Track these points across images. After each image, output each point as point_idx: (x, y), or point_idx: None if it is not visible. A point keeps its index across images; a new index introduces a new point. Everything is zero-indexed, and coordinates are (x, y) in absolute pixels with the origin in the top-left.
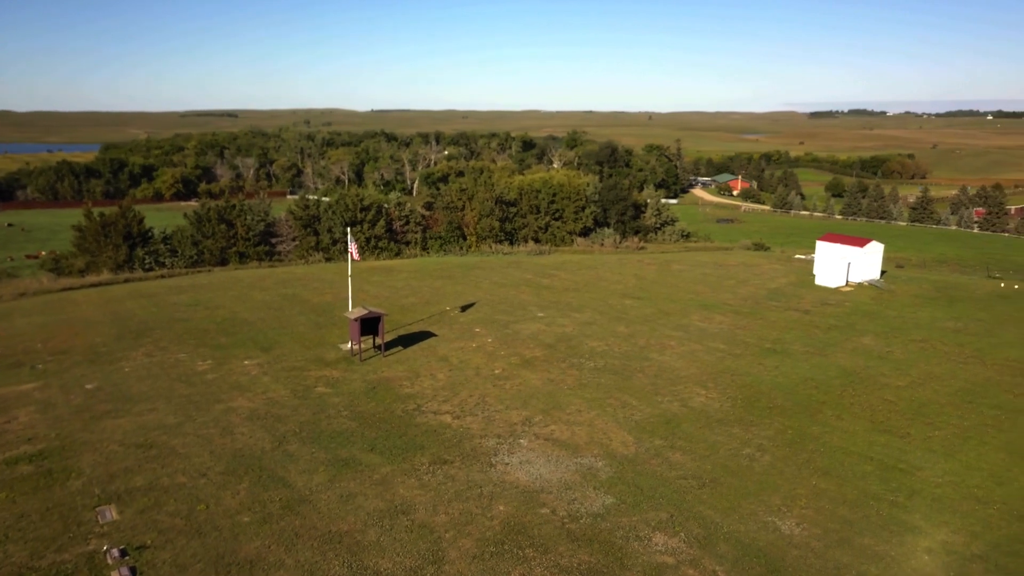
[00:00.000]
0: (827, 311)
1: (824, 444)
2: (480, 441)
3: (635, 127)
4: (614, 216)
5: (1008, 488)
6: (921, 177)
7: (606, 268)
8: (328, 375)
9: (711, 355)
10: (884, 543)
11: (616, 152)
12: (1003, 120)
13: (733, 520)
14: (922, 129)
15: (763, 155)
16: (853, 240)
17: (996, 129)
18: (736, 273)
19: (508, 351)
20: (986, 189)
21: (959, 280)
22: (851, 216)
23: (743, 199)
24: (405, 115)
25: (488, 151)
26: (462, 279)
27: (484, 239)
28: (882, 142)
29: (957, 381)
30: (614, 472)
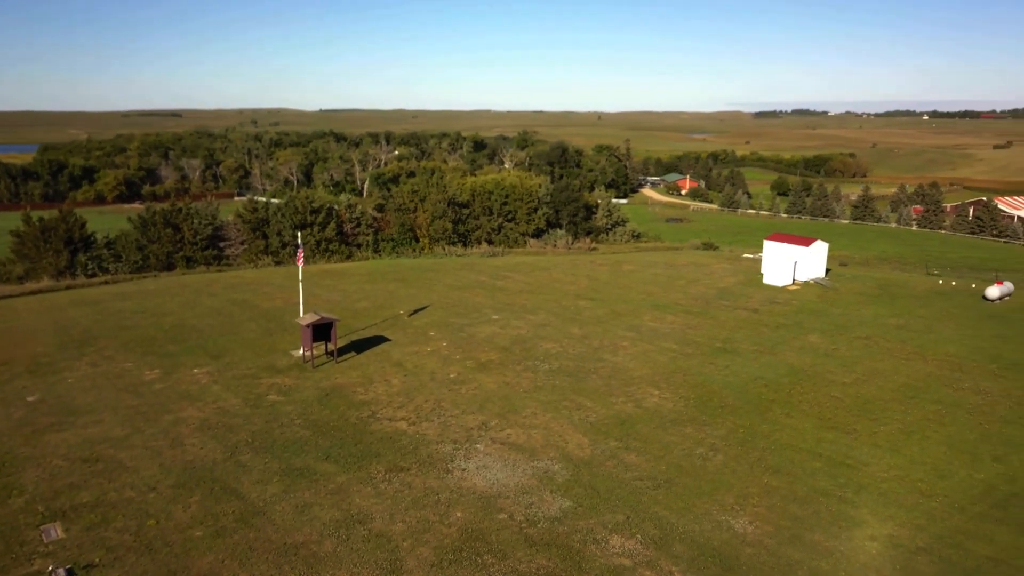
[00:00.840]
0: (775, 310)
1: (774, 442)
2: (436, 447)
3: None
4: (566, 217)
5: (950, 481)
6: (862, 176)
7: (559, 269)
8: (280, 383)
9: (663, 355)
10: (834, 539)
11: (567, 152)
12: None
13: (688, 520)
14: (862, 129)
15: (710, 155)
16: (799, 239)
17: (932, 129)
18: (686, 273)
19: (463, 355)
20: (923, 187)
21: (900, 278)
22: (796, 214)
23: (691, 198)
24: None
25: (439, 151)
26: (415, 282)
27: (437, 241)
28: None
29: (900, 377)
30: (570, 475)
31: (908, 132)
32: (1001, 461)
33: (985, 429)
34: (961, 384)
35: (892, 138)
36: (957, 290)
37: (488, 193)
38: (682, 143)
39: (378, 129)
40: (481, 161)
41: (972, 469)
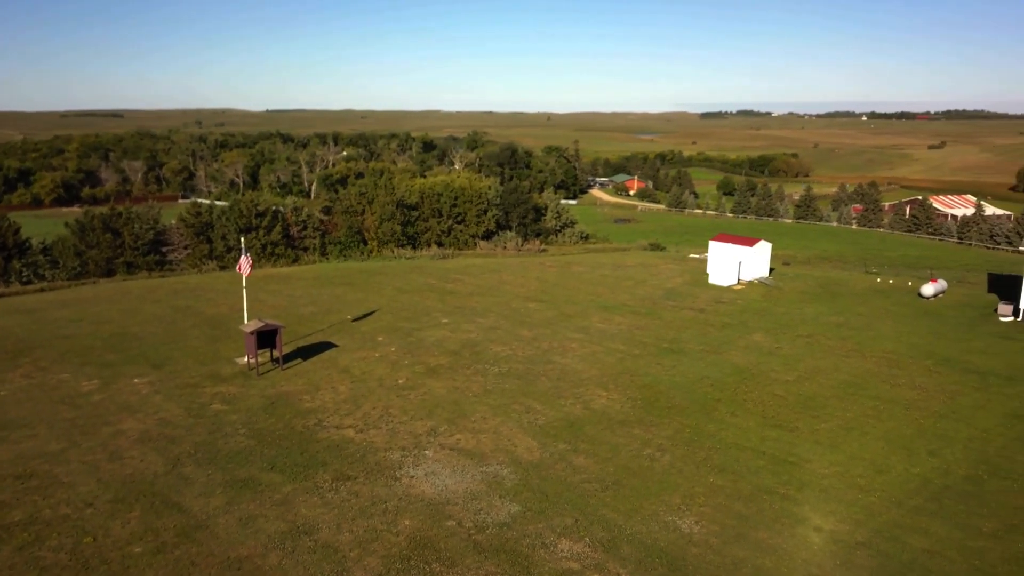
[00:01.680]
0: (721, 309)
1: (720, 441)
2: (384, 454)
3: (535, 128)
4: (516, 219)
5: (887, 476)
6: (805, 175)
7: (509, 271)
8: (224, 391)
9: (611, 356)
10: (777, 536)
11: (516, 153)
12: (876, 121)
13: (635, 522)
14: (804, 129)
15: (658, 155)
16: (743, 240)
17: (870, 129)
18: (634, 274)
19: (412, 360)
20: (863, 187)
21: (840, 276)
22: (741, 214)
23: (640, 199)
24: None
25: (388, 152)
26: (363, 286)
27: (385, 243)
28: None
29: (840, 374)
30: (519, 479)
31: (848, 132)
32: (936, 455)
33: (921, 424)
34: (898, 380)
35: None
36: (894, 288)
37: (437, 195)
38: (630, 144)
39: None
40: (431, 162)
41: (908, 463)
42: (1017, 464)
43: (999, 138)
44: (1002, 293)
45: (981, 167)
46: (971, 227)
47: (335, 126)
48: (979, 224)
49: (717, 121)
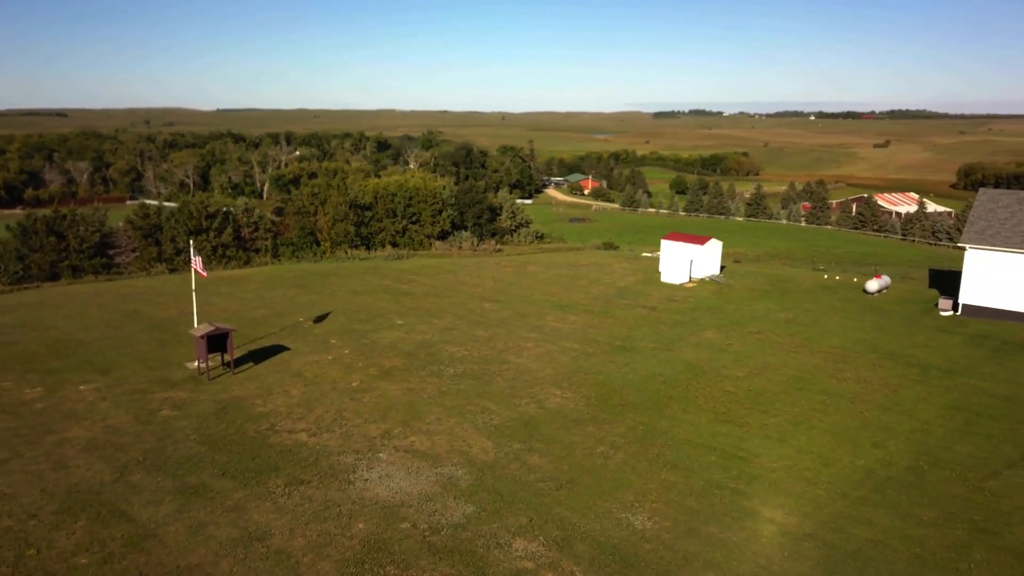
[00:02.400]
0: (673, 307)
1: (672, 438)
2: (338, 458)
3: (490, 127)
4: (471, 219)
5: (833, 468)
6: (755, 174)
7: (464, 271)
8: (174, 397)
9: (566, 355)
10: (727, 530)
11: (471, 153)
12: (823, 120)
13: (589, 519)
14: (755, 128)
15: (612, 154)
16: (694, 238)
17: (818, 128)
18: (588, 273)
19: (366, 362)
20: (811, 185)
21: (789, 273)
22: (694, 212)
23: (594, 198)
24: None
25: (342, 152)
26: (316, 287)
27: (339, 244)
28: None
29: (789, 369)
30: (474, 480)
31: (797, 132)
32: (879, 447)
33: (865, 417)
34: (844, 374)
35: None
36: (841, 284)
37: (391, 195)
38: (585, 143)
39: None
40: (385, 162)
41: (854, 456)
42: (956, 454)
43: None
44: (942, 288)
45: (924, 166)
46: (914, 224)
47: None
48: (922, 221)
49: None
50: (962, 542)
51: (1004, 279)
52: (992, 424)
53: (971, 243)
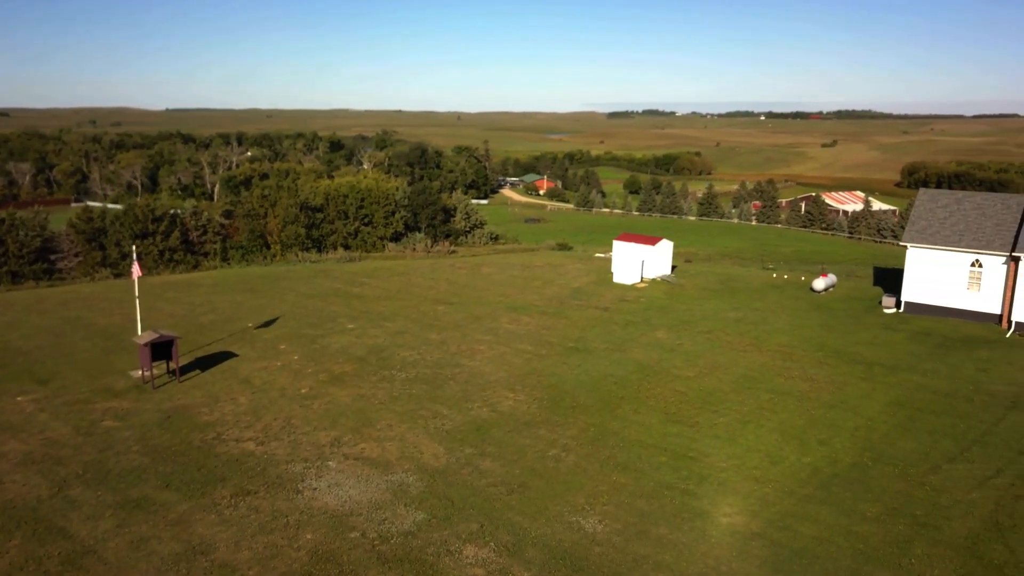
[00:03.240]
0: (625, 307)
1: (623, 439)
2: (286, 467)
3: (445, 127)
4: (425, 220)
5: (780, 467)
6: (708, 173)
7: (418, 274)
8: (117, 407)
9: (519, 357)
10: (677, 531)
11: (426, 153)
12: (774, 120)
13: (540, 524)
14: (707, 128)
15: (567, 154)
16: (646, 239)
17: (768, 128)
18: (542, 274)
19: (316, 367)
20: (762, 184)
21: (739, 272)
22: (647, 212)
23: (549, 198)
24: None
25: (294, 152)
26: (266, 291)
27: (290, 247)
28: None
29: (738, 368)
30: (425, 486)
31: (748, 131)
32: (825, 444)
33: (812, 415)
34: (791, 373)
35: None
36: (789, 283)
37: (343, 196)
38: (540, 143)
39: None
40: (338, 162)
41: (800, 453)
42: (898, 450)
43: (885, 137)
44: (886, 286)
45: (869, 164)
46: (860, 222)
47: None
48: (867, 219)
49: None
50: (904, 537)
51: (944, 277)
52: (933, 419)
53: (912, 242)
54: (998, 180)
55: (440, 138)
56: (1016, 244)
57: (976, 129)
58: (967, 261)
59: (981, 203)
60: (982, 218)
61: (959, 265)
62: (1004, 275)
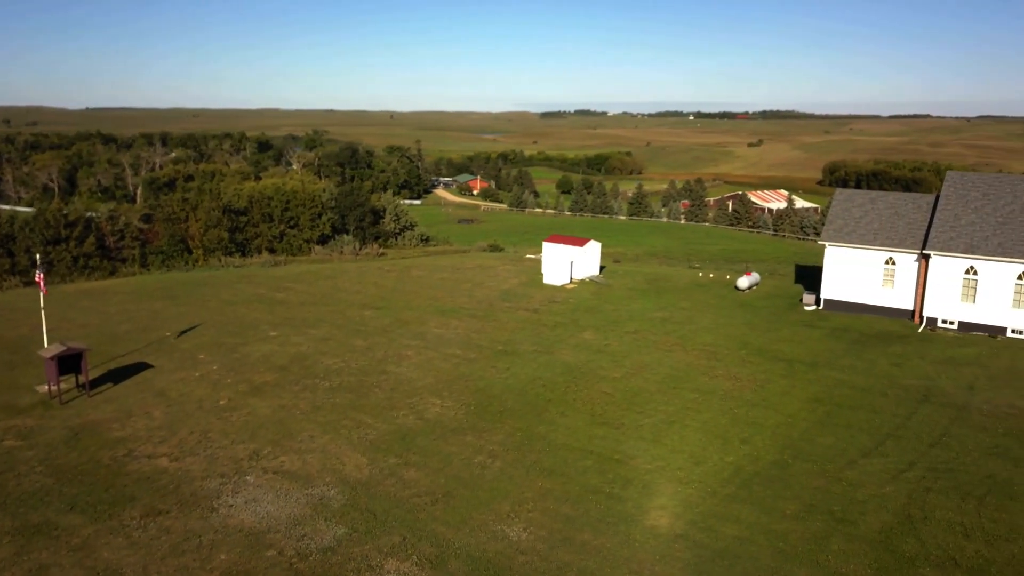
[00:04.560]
0: (554, 309)
1: (550, 443)
2: (201, 484)
3: (377, 126)
4: (353, 222)
5: (704, 467)
6: (638, 173)
7: (345, 277)
8: (20, 425)
9: (447, 362)
10: (601, 535)
11: (357, 153)
12: (702, 120)
13: (464, 534)
14: (637, 128)
15: (500, 155)
16: (574, 240)
17: (697, 128)
18: (472, 276)
19: (236, 378)
20: (690, 183)
21: (666, 271)
22: (579, 212)
23: (483, 198)
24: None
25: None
26: (186, 299)
27: (212, 252)
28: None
29: (664, 368)
30: (347, 499)
31: (677, 131)
32: (747, 443)
33: (735, 413)
34: (715, 372)
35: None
36: (714, 282)
37: (268, 199)
38: (473, 143)
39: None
40: (266, 163)
41: (723, 453)
42: (817, 446)
43: (808, 136)
44: (807, 283)
45: (793, 163)
46: (784, 220)
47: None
48: (791, 217)
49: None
50: (822, 533)
51: (859, 274)
52: (850, 415)
53: (829, 241)
54: (912, 179)
55: (372, 138)
56: (926, 242)
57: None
58: (881, 259)
59: (894, 203)
60: (895, 217)
61: (874, 263)
62: (916, 272)
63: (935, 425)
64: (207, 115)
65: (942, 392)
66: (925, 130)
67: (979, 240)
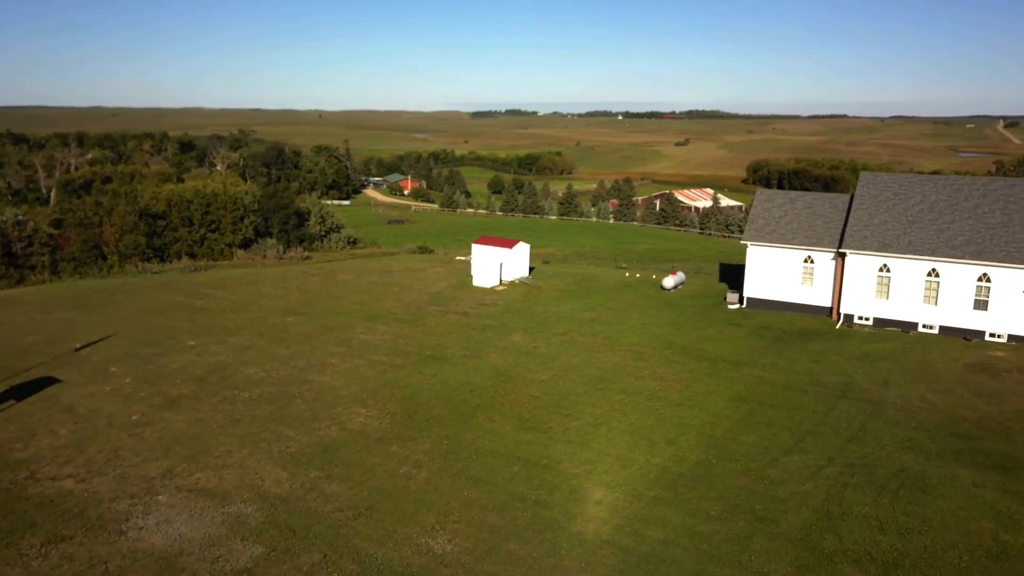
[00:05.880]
0: (483, 311)
1: (477, 450)
2: (109, 506)
3: (305, 126)
4: (277, 225)
5: (630, 470)
6: (569, 172)
7: (268, 283)
8: None
9: (373, 369)
10: (527, 544)
11: (284, 153)
12: (631, 120)
13: (388, 548)
14: (567, 128)
15: (431, 154)
16: (503, 242)
17: (625, 128)
18: (400, 279)
19: (150, 391)
20: (619, 183)
21: (594, 272)
22: (510, 212)
23: (414, 198)
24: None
25: (140, 154)
26: (100, 307)
27: (129, 258)
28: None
29: (591, 370)
30: (265, 517)
31: (606, 131)
32: (673, 443)
33: (661, 414)
34: (642, 372)
35: (593, 136)
36: (641, 281)
37: (187, 202)
38: (404, 143)
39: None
40: (189, 164)
41: (649, 455)
42: (740, 445)
43: (732, 136)
44: (731, 282)
45: (718, 162)
46: (710, 218)
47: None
48: (716, 215)
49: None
50: (744, 533)
51: (780, 273)
52: (772, 412)
53: (751, 240)
54: (831, 177)
55: (301, 137)
56: (842, 241)
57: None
58: (800, 258)
59: (812, 202)
60: (813, 217)
61: (794, 262)
62: (833, 270)
63: (852, 421)
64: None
65: (859, 388)
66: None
67: (891, 239)
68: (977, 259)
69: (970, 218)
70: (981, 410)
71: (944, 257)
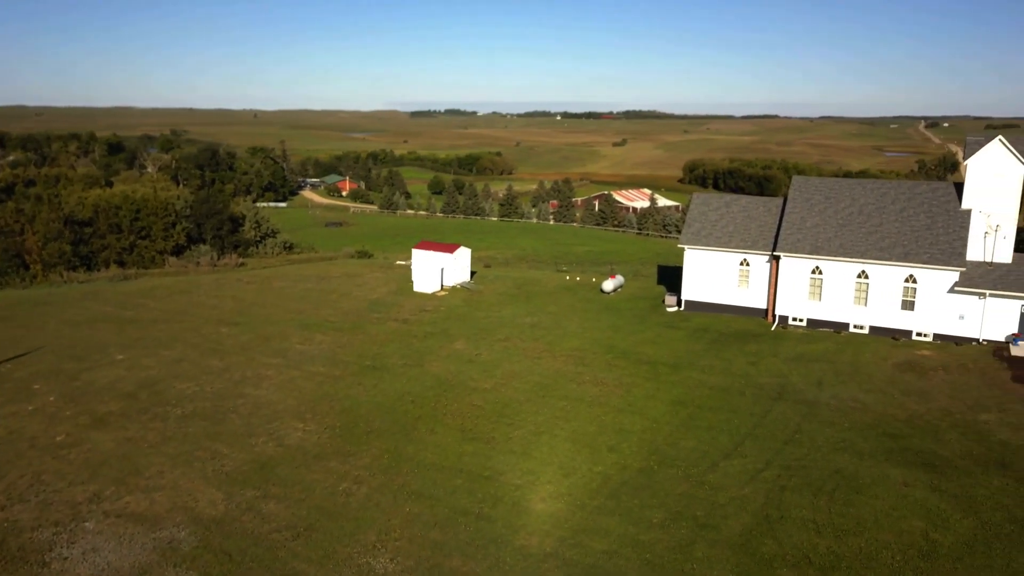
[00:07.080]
0: (424, 318)
1: (419, 463)
2: (31, 535)
3: (240, 126)
4: (210, 231)
5: (573, 478)
6: (509, 173)
7: (201, 291)
8: None
9: (310, 381)
10: (470, 560)
11: (218, 154)
12: (569, 120)
13: (328, 570)
14: (507, 128)
15: (370, 154)
16: (444, 247)
17: (564, 128)
18: (339, 286)
19: (76, 409)
20: (559, 183)
21: (534, 275)
22: (451, 214)
23: (352, 200)
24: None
25: (66, 156)
26: (22, 321)
27: (53, 267)
28: (475, 140)
29: (533, 376)
30: (199, 540)
31: (545, 131)
32: (615, 450)
33: (602, 420)
34: (583, 377)
35: (533, 137)
36: (580, 285)
37: (116, 208)
38: (341, 143)
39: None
40: (118, 166)
41: (592, 463)
42: (681, 450)
43: (669, 136)
44: (669, 285)
45: (655, 162)
46: (648, 219)
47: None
48: (654, 216)
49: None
50: (686, 540)
51: (717, 276)
52: (711, 416)
53: (688, 244)
54: (764, 176)
55: (236, 137)
56: (776, 244)
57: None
58: (737, 260)
59: (747, 206)
60: (748, 220)
61: (730, 264)
62: (768, 273)
63: (788, 422)
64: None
65: (794, 389)
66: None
67: (823, 241)
68: (904, 261)
69: (897, 221)
70: (910, 409)
71: (873, 259)
